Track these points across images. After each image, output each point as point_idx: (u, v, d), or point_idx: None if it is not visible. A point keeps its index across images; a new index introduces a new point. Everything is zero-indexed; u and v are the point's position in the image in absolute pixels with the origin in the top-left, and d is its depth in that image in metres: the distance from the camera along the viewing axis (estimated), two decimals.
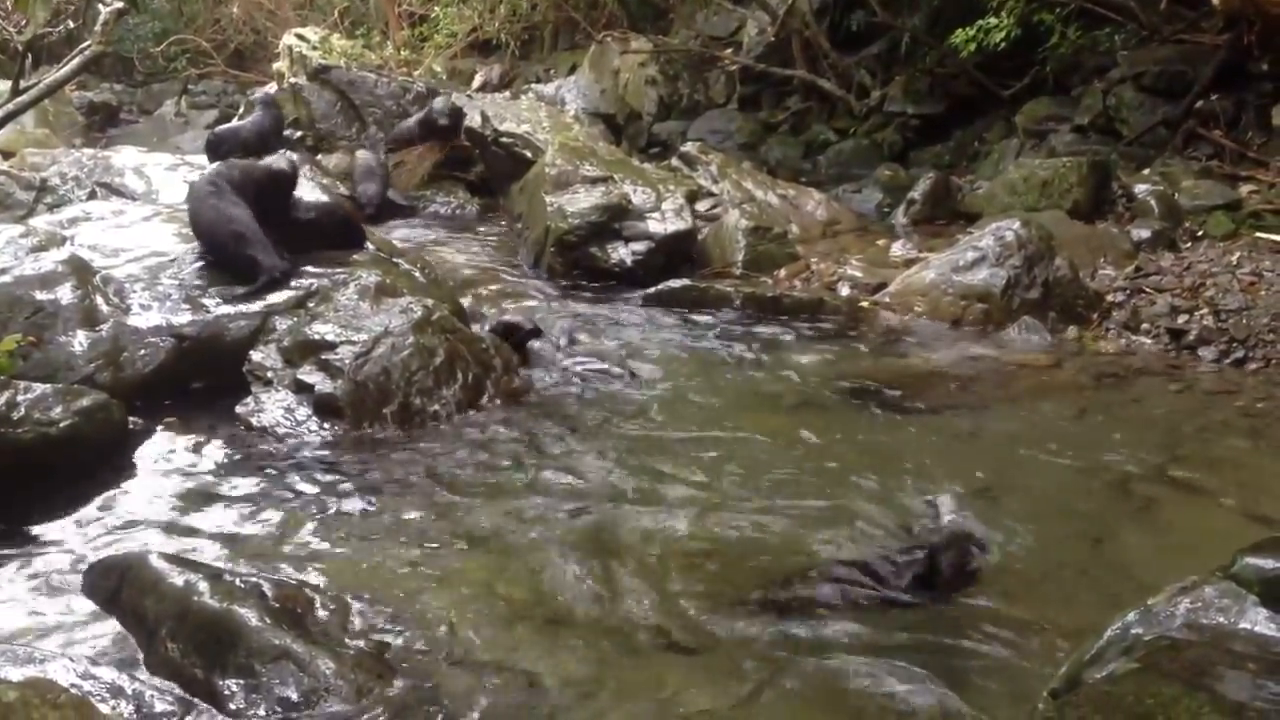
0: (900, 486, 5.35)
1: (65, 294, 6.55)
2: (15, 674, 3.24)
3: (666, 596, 4.36)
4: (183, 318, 6.59)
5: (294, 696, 3.54)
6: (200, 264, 7.01)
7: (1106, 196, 10.09)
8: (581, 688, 3.77)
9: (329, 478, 5.45)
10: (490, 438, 5.96)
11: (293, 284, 6.90)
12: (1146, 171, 10.54)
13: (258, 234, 6.95)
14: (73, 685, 3.31)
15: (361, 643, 3.89)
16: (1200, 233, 9.21)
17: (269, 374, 6.25)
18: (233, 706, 3.54)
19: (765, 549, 4.76)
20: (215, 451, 5.77)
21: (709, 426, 6.17)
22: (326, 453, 5.74)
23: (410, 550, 4.71)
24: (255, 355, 6.34)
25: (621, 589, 4.42)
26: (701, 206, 10.53)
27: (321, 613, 4.03)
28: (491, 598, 4.33)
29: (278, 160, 7.88)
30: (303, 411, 6.03)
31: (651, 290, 8.85)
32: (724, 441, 5.96)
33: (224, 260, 6.95)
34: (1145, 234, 9.23)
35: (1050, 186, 10.21)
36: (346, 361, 6.16)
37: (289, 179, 7.53)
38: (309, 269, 7.08)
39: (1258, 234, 8.83)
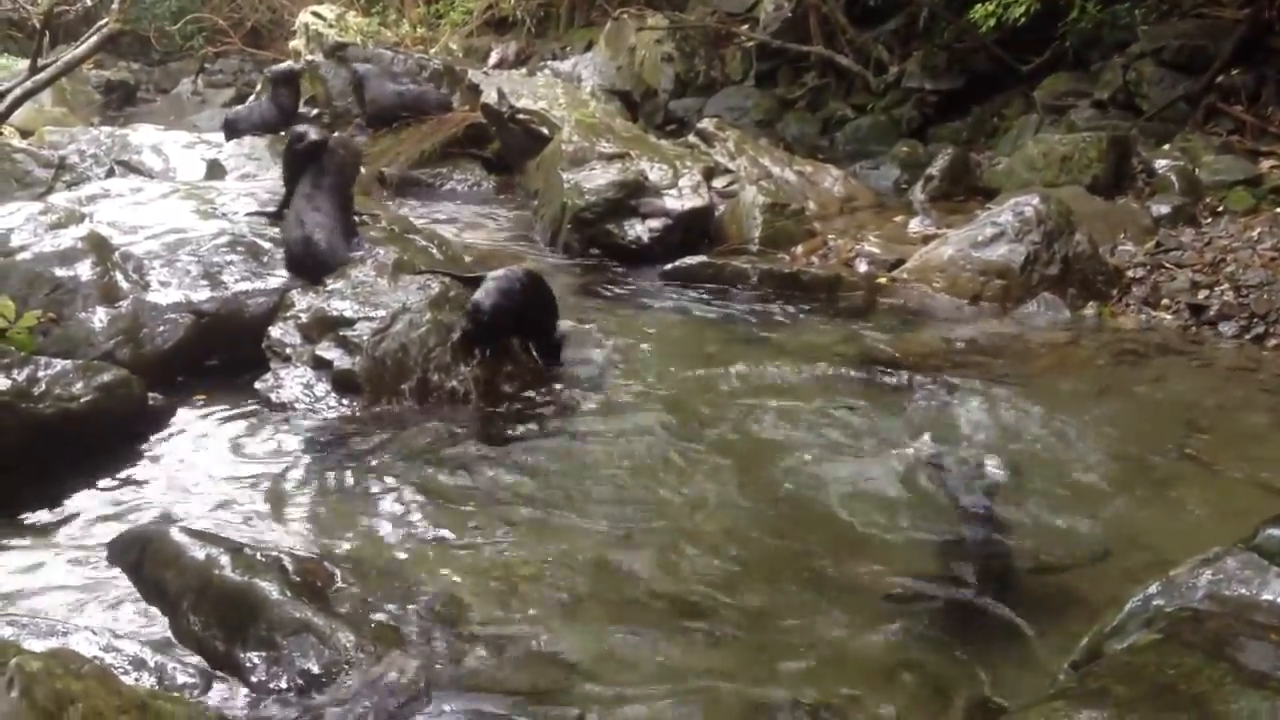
0: (918, 466, 5.33)
1: (85, 270, 6.57)
2: (38, 645, 3.27)
3: (686, 573, 4.36)
4: (202, 294, 6.62)
5: (315, 669, 3.56)
6: (219, 241, 7.02)
7: (1126, 172, 10.02)
8: (602, 661, 3.78)
9: (348, 453, 5.46)
10: (509, 414, 5.96)
11: None
12: (1167, 147, 10.45)
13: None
14: (95, 656, 3.34)
15: (382, 616, 3.91)
16: (1221, 208, 9.14)
17: (288, 350, 6.26)
18: (254, 678, 3.56)
19: (777, 526, 4.77)
20: (235, 427, 5.80)
21: (727, 403, 6.15)
22: (345, 428, 5.76)
23: (430, 525, 4.73)
24: (274, 331, 6.36)
25: (642, 565, 4.42)
26: (718, 183, 10.48)
27: (342, 586, 4.06)
28: (512, 573, 4.35)
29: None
30: (321, 387, 6.05)
31: (668, 267, 8.82)
32: (742, 418, 5.95)
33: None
34: (1165, 209, 9.17)
35: (1070, 162, 10.14)
36: (365, 338, 6.17)
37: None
38: None
39: (1279, 209, 8.77)
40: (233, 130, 12.74)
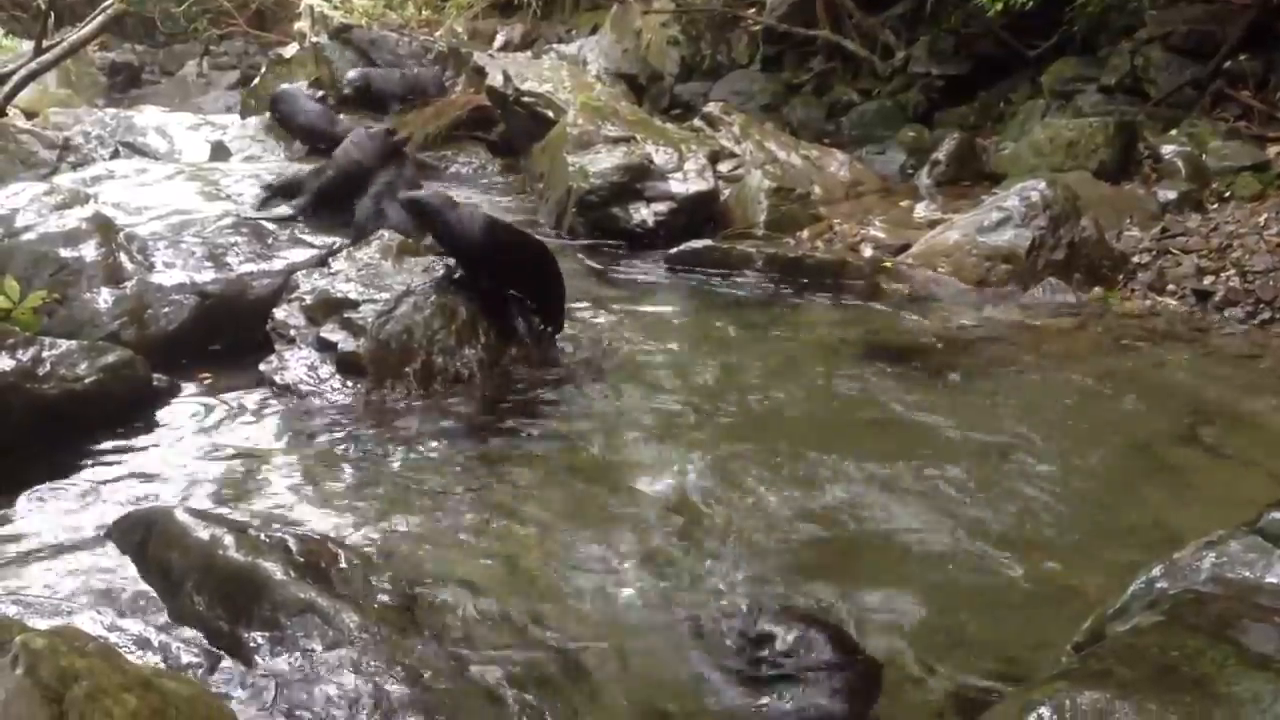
0: (918, 451, 5.33)
1: (89, 251, 6.58)
2: (43, 624, 3.28)
3: (691, 560, 4.36)
4: (206, 275, 6.63)
5: (318, 648, 3.56)
6: (224, 223, 7.03)
7: (1133, 157, 9.98)
8: (606, 648, 3.78)
9: (352, 435, 5.46)
10: (512, 397, 5.96)
11: (315, 242, 6.92)
12: (1174, 132, 10.42)
13: None
14: (99, 635, 3.34)
15: (386, 597, 3.91)
16: (1227, 194, 9.12)
17: (292, 332, 6.26)
18: (258, 658, 3.56)
19: (782, 515, 4.77)
20: (239, 408, 5.80)
21: (730, 388, 6.15)
22: (349, 411, 5.76)
23: (433, 508, 4.73)
24: (278, 313, 6.35)
25: (647, 552, 4.42)
26: (724, 167, 10.47)
27: (346, 567, 4.05)
28: (514, 556, 4.35)
29: None
30: (326, 369, 6.04)
31: (673, 251, 8.79)
32: (744, 401, 5.95)
33: None
34: (1172, 195, 9.15)
35: (1076, 147, 10.11)
36: (369, 320, 6.16)
37: None
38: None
39: None
40: (275, 109, 12.50)
